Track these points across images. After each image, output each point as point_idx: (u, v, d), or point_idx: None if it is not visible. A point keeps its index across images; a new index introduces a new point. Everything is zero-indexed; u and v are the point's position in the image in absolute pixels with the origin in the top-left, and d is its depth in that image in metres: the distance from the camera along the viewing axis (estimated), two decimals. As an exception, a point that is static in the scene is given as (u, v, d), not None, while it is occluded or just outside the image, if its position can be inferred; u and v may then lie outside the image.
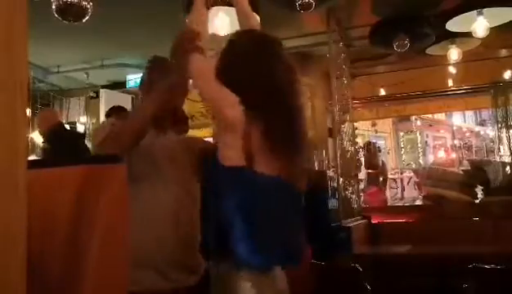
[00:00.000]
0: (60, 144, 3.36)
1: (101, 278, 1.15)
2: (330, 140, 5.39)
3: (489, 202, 4.29)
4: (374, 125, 8.93)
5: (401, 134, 10.78)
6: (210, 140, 7.50)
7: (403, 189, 9.20)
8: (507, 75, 5.94)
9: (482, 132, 11.14)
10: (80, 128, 6.47)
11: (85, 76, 6.08)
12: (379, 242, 4.03)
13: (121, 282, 1.19)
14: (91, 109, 6.58)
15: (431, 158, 10.84)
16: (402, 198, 8.62)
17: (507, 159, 6.25)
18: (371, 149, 6.91)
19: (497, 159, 6.57)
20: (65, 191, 1.14)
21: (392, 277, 3.01)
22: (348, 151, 4.94)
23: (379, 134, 9.72)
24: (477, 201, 4.66)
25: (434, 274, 2.97)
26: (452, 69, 5.91)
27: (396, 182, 9.34)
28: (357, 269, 2.94)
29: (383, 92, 6.48)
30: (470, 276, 2.63)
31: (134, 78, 6.21)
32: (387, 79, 6.31)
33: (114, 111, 3.84)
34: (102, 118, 6.35)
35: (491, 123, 8.50)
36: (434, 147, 11.29)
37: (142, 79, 1.93)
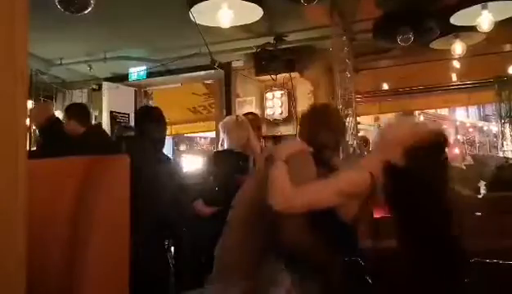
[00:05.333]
0: (53, 138, 3.35)
1: (102, 270, 1.15)
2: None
3: (492, 198, 4.28)
4: (376, 120, 8.89)
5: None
6: (212, 134, 7.46)
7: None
8: (511, 70, 5.91)
9: (485, 128, 11.09)
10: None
11: (88, 68, 6.08)
12: (381, 237, 4.02)
13: (122, 275, 1.18)
14: (93, 102, 6.58)
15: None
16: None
17: (510, 154, 6.23)
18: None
19: (500, 154, 6.55)
20: (66, 182, 1.13)
21: (394, 270, 3.01)
22: (351, 146, 4.93)
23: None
24: (480, 196, 4.65)
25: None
26: (456, 64, 5.88)
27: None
28: (359, 263, 2.94)
29: (386, 87, 6.45)
30: (472, 271, 2.62)
31: (136, 71, 6.21)
32: (390, 74, 6.28)
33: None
34: (105, 110, 6.37)
35: (494, 118, 8.45)
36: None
37: None
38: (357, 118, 5.40)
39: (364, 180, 1.68)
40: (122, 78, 6.45)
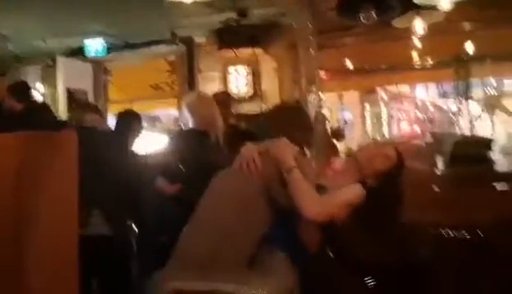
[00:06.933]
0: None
1: (50, 245, 1.09)
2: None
3: (450, 173, 4.40)
4: (340, 97, 8.97)
5: (367, 106, 10.90)
6: (175, 112, 7.35)
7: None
8: (469, 48, 6.04)
9: (444, 106, 11.41)
10: (37, 98, 6.22)
11: (42, 43, 5.81)
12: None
13: (71, 251, 1.13)
14: (48, 78, 6.33)
15: (396, 131, 11.03)
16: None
17: (467, 132, 6.44)
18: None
19: (458, 132, 6.75)
20: (8, 158, 1.06)
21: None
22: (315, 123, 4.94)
23: (345, 106, 9.79)
24: (438, 172, 4.78)
25: (396, 243, 3.03)
26: (417, 42, 5.97)
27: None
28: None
29: (349, 64, 6.48)
30: (431, 244, 2.70)
31: (94, 46, 5.98)
32: (354, 51, 6.31)
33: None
34: (61, 87, 6.14)
35: (452, 96, 8.70)
36: (399, 120, 11.48)
37: None
38: (321, 95, 5.40)
39: (363, 194, 1.96)
40: (78, 53, 6.21)
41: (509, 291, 2.50)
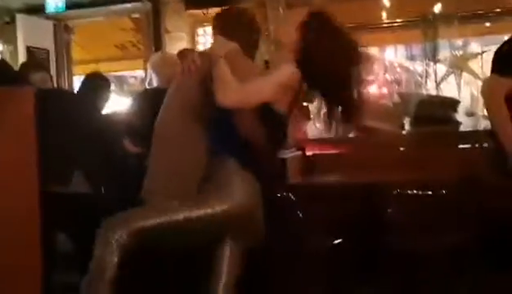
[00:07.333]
0: None
1: (7, 206, 1.07)
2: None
3: (416, 133, 4.48)
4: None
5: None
6: (141, 72, 7.17)
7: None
8: (436, 8, 6.07)
9: (411, 67, 11.53)
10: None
11: (-3, -2, 5.50)
12: (312, 173, 4.12)
13: (31, 212, 1.10)
14: (6, 36, 6.03)
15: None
16: (337, 130, 8.82)
17: (433, 93, 6.54)
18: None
19: (424, 93, 6.85)
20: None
21: (323, 205, 3.11)
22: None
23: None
24: (404, 132, 4.86)
25: (362, 201, 3.09)
26: (387, 2, 5.95)
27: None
28: (291, 199, 3.02)
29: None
30: (394, 202, 2.77)
31: (54, 2, 5.71)
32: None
33: None
34: (20, 46, 5.87)
35: (420, 59, 8.77)
36: (368, 81, 11.55)
37: None
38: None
39: (295, 73, 1.84)
40: (38, 10, 5.92)
41: (471, 248, 2.59)
